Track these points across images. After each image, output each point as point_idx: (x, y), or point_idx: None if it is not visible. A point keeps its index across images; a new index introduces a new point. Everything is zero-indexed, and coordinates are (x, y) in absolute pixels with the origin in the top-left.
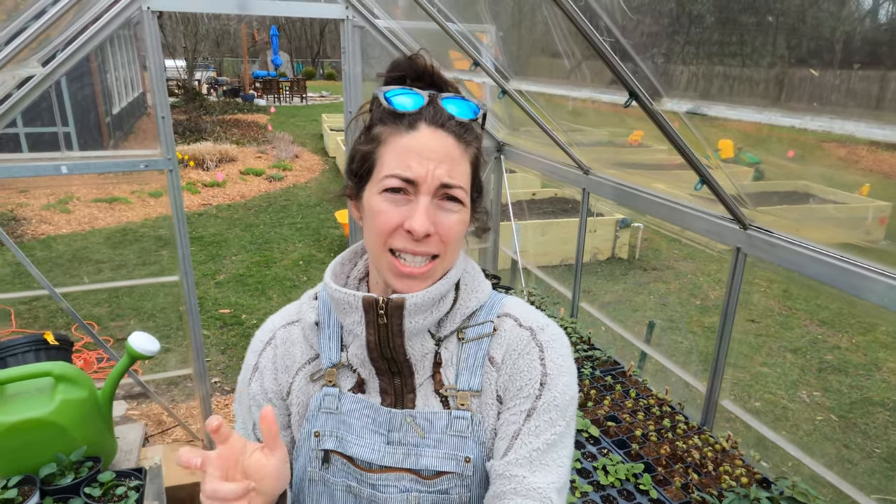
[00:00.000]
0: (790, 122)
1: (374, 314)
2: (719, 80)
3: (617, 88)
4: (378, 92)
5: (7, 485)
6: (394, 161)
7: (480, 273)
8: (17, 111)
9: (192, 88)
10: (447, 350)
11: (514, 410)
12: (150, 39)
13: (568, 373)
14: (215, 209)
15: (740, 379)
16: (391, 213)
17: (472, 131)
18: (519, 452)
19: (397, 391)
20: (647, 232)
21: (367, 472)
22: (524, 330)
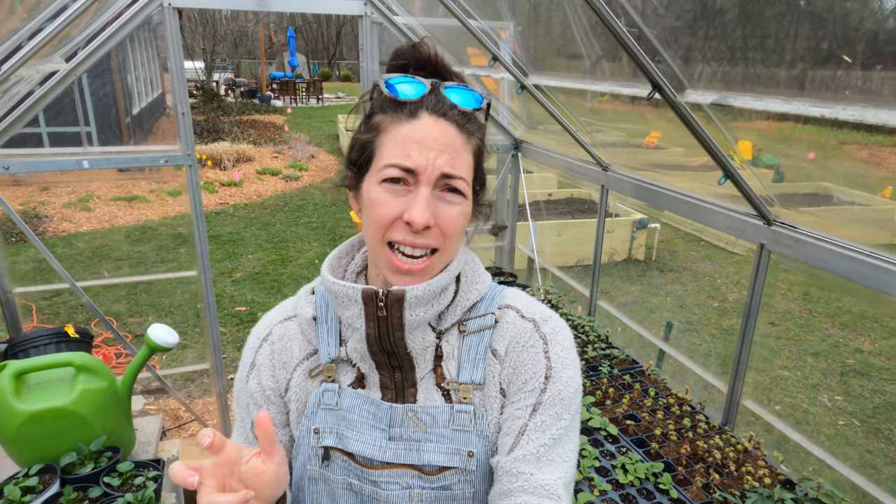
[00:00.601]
0: (819, 111)
1: (374, 307)
2: (745, 69)
3: (638, 81)
4: (379, 79)
5: (28, 473)
6: (393, 150)
7: (481, 265)
8: (41, 105)
9: (211, 90)
10: (448, 343)
11: (518, 405)
12: (170, 36)
13: (572, 365)
14: (232, 208)
15: (760, 382)
16: (390, 205)
17: (475, 121)
18: (526, 449)
19: (398, 386)
20: (665, 233)
21: (368, 468)
22: (527, 322)
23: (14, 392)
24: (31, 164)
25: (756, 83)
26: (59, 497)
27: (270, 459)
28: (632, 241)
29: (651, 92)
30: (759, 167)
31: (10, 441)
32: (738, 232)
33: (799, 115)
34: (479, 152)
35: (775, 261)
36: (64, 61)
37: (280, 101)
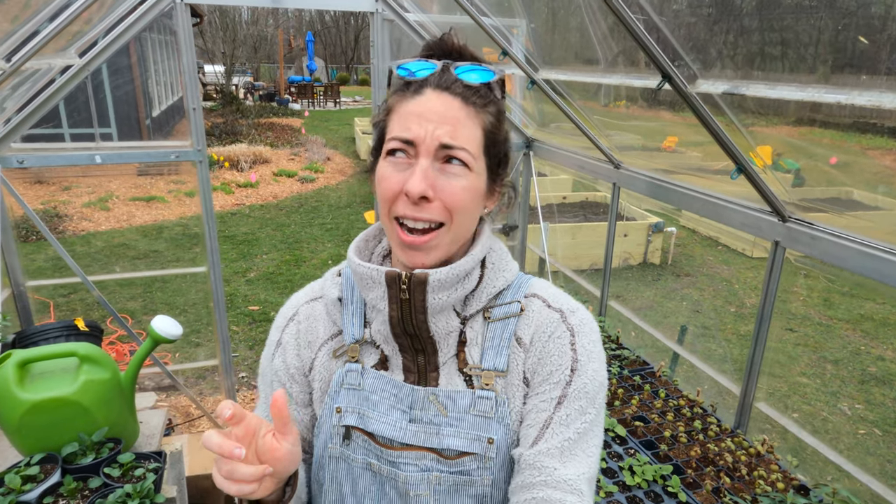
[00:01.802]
0: (835, 98)
1: (397, 289)
2: (758, 57)
3: (648, 73)
4: (392, 64)
5: (30, 462)
6: (397, 125)
7: (507, 253)
8: (55, 100)
9: (230, 93)
10: (472, 329)
11: (543, 397)
12: (182, 31)
13: (598, 359)
14: (248, 209)
15: (777, 389)
16: (393, 178)
17: (485, 96)
18: (550, 442)
19: (420, 369)
20: (681, 237)
21: (387, 449)
22: (554, 312)
23: (18, 381)
24: (44, 159)
25: (769, 71)
26: (59, 487)
27: (285, 438)
28: (647, 244)
29: (661, 82)
30: (780, 172)
31: (13, 430)
32: (752, 229)
33: (815, 119)
34: (492, 128)
35: (794, 265)
36: (78, 56)
37: (298, 105)
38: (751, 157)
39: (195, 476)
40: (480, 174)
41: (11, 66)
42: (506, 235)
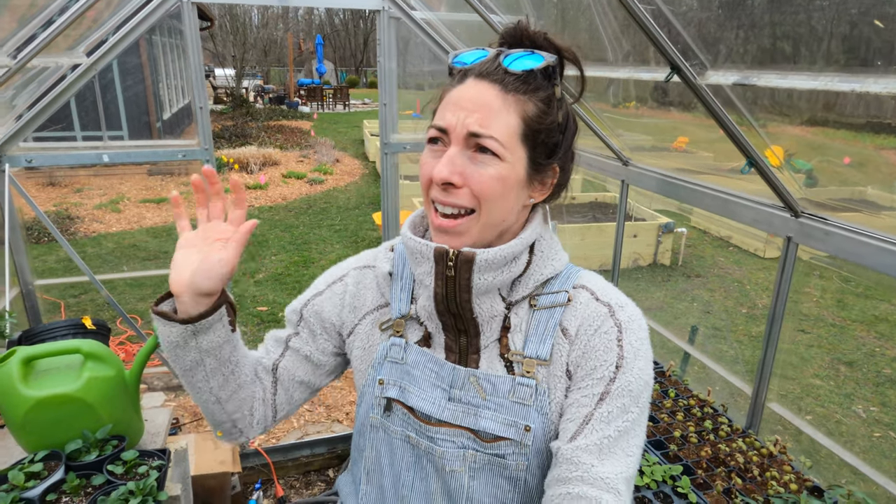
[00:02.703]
0: (849, 86)
1: (444, 266)
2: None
3: (656, 66)
4: (451, 53)
5: (34, 459)
6: (439, 113)
7: (557, 242)
8: (63, 99)
9: (240, 96)
10: (517, 315)
11: (585, 392)
12: (188, 30)
13: (644, 357)
14: (257, 211)
15: (790, 391)
16: (429, 164)
17: (527, 82)
18: (589, 438)
19: (462, 349)
20: (691, 237)
21: (426, 423)
22: (602, 305)
23: (22, 378)
24: (53, 158)
25: (780, 61)
26: (62, 484)
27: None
28: (657, 245)
29: (669, 74)
30: (792, 172)
31: (17, 427)
32: (764, 225)
33: (828, 119)
34: (536, 116)
35: (808, 263)
36: (86, 55)
37: (307, 107)
38: (765, 156)
39: (202, 475)
40: (516, 163)
41: (17, 63)
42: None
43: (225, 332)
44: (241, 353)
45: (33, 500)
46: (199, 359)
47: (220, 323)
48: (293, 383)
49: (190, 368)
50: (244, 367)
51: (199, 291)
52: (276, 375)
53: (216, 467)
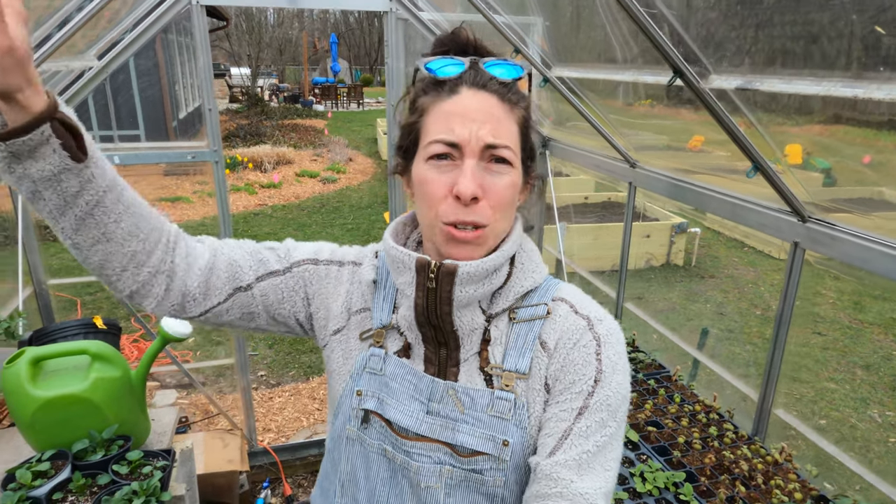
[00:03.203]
0: (853, 91)
1: (425, 277)
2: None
3: (661, 68)
4: (419, 63)
5: (41, 458)
6: (437, 127)
7: (537, 253)
8: (76, 101)
9: (255, 95)
10: (497, 328)
11: (563, 406)
12: (198, 33)
13: (622, 371)
14: (270, 209)
15: (804, 394)
16: (438, 181)
17: (517, 92)
18: (568, 454)
19: (441, 362)
20: (705, 238)
21: (402, 438)
22: (580, 318)
23: (30, 378)
24: None
25: (785, 66)
26: (68, 483)
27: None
28: (670, 245)
29: (672, 78)
30: (811, 171)
31: (26, 426)
32: (771, 230)
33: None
34: (525, 122)
35: (819, 273)
36: (97, 59)
37: (321, 106)
38: (768, 157)
39: (210, 474)
40: (519, 169)
41: None
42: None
43: (59, 159)
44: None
45: (40, 499)
46: (35, 189)
47: (48, 147)
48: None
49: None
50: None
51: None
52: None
53: (224, 466)
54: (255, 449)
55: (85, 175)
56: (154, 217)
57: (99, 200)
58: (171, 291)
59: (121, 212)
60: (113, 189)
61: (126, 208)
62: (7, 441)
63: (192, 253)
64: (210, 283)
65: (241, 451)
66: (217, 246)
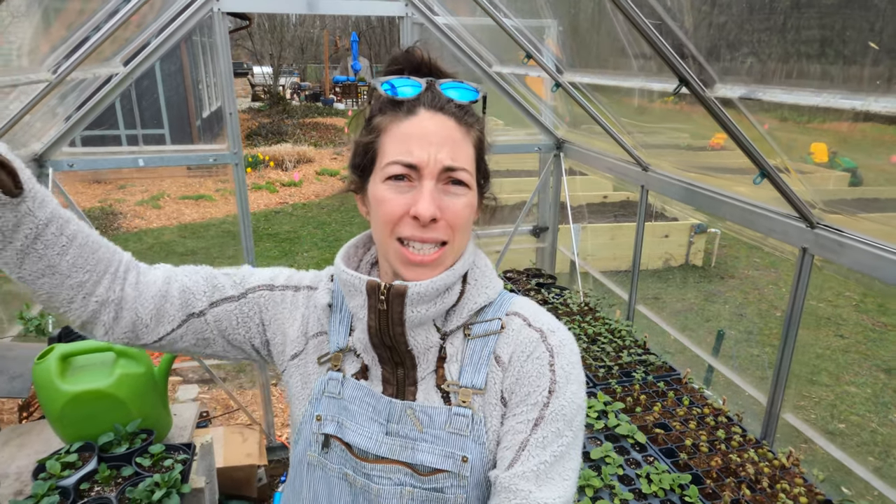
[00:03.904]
0: (851, 103)
1: (376, 299)
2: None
3: (667, 76)
4: (375, 82)
5: (70, 449)
6: (395, 148)
7: (491, 269)
8: (102, 106)
9: (277, 93)
10: (452, 345)
11: (520, 418)
12: (219, 38)
13: (576, 381)
14: (291, 207)
15: (822, 398)
16: (396, 201)
17: (473, 114)
18: (526, 465)
19: (399, 382)
20: (726, 238)
21: (362, 461)
22: (533, 331)
23: (59, 373)
24: (92, 162)
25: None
26: (94, 474)
27: None
28: (689, 246)
29: (678, 86)
30: (836, 170)
31: (55, 419)
32: (779, 235)
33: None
34: (480, 144)
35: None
36: (122, 65)
37: (342, 104)
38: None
39: (229, 467)
40: (475, 190)
41: (57, 78)
42: (536, 237)
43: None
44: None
45: (68, 489)
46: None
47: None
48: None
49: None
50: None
51: None
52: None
53: (243, 460)
54: (273, 444)
55: (21, 209)
56: (103, 247)
57: (39, 234)
58: (120, 320)
59: (64, 244)
60: (53, 222)
61: (70, 240)
62: (37, 433)
63: (143, 281)
64: (162, 309)
65: (259, 445)
66: (171, 273)
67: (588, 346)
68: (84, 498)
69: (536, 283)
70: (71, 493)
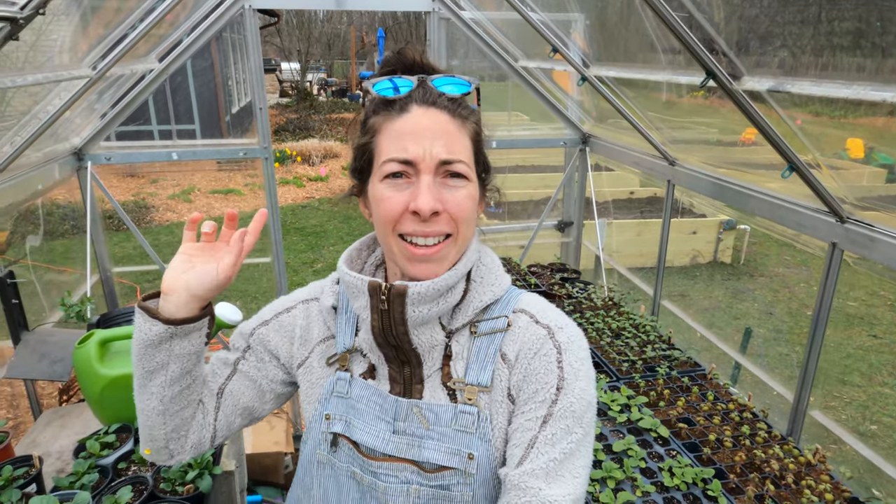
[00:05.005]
0: (881, 95)
1: (378, 299)
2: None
3: (694, 69)
4: (367, 84)
5: (108, 430)
6: (390, 146)
7: (498, 265)
8: (139, 101)
9: (304, 89)
10: (458, 343)
11: (528, 416)
12: (250, 35)
13: (585, 377)
14: (317, 202)
15: (854, 398)
16: (395, 199)
17: (467, 107)
18: (535, 463)
19: (406, 380)
20: (756, 235)
21: (370, 459)
22: (540, 328)
23: (98, 358)
24: (128, 156)
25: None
26: (131, 454)
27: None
28: (717, 242)
29: (705, 79)
30: (873, 166)
31: (94, 401)
32: (809, 230)
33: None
34: (477, 136)
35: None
36: (157, 61)
37: None
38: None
39: (258, 454)
40: (475, 182)
41: (97, 74)
42: (560, 232)
43: (200, 341)
44: (200, 370)
45: (107, 467)
46: (166, 362)
47: (199, 332)
48: (236, 409)
49: (153, 370)
50: (198, 385)
51: (192, 294)
52: (219, 400)
53: (271, 447)
54: (299, 432)
55: (201, 353)
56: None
57: (197, 375)
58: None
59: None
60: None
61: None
62: (77, 415)
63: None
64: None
65: (286, 434)
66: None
67: (612, 341)
68: (122, 476)
69: (561, 278)
70: (109, 471)
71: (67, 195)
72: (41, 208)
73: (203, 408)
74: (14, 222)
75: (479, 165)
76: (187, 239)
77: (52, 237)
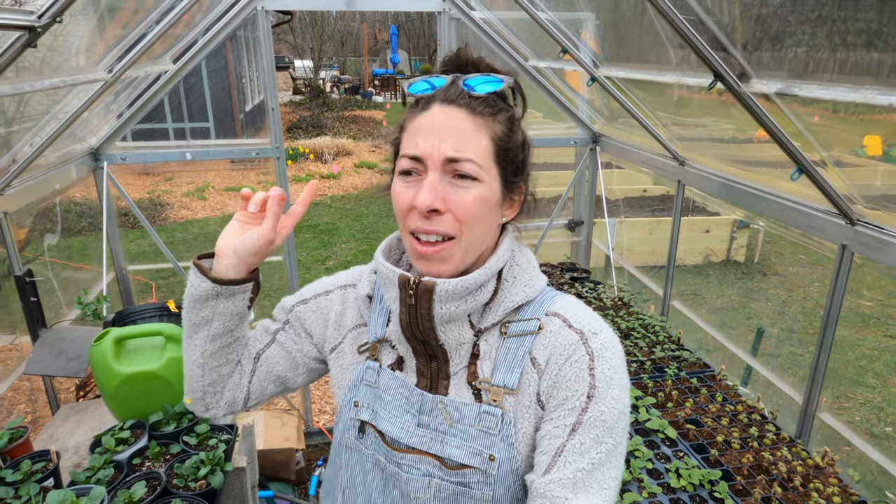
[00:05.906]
0: (887, 99)
1: (406, 293)
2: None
3: (703, 71)
4: (404, 84)
5: (123, 427)
6: (407, 142)
7: (534, 265)
8: (154, 102)
9: (317, 87)
10: (487, 343)
11: (557, 423)
12: (263, 36)
13: (618, 385)
14: (330, 199)
15: (868, 399)
16: (404, 194)
17: (492, 105)
18: (562, 472)
19: (433, 375)
20: (770, 234)
21: (394, 449)
22: (574, 332)
23: (114, 355)
24: (143, 156)
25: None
26: (145, 450)
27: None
28: (731, 241)
29: (713, 82)
30: (891, 164)
31: (110, 397)
32: (818, 232)
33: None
34: (503, 136)
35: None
36: (172, 62)
37: (381, 97)
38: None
39: (269, 450)
40: (492, 183)
41: (112, 77)
42: (571, 231)
43: (243, 304)
44: (242, 331)
45: (122, 463)
46: (210, 318)
47: (243, 295)
48: (270, 376)
49: (198, 324)
50: (238, 346)
51: (239, 257)
52: (256, 364)
53: (282, 443)
54: (310, 429)
55: (244, 316)
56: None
57: (238, 336)
58: (246, 403)
59: (241, 338)
60: (245, 324)
61: (244, 336)
62: (93, 411)
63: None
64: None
65: (297, 430)
66: (261, 353)
67: (620, 341)
68: (136, 472)
69: (570, 277)
70: (124, 466)
71: (84, 192)
72: (59, 206)
73: (241, 369)
74: (33, 220)
75: (505, 167)
76: (241, 208)
77: (69, 234)
